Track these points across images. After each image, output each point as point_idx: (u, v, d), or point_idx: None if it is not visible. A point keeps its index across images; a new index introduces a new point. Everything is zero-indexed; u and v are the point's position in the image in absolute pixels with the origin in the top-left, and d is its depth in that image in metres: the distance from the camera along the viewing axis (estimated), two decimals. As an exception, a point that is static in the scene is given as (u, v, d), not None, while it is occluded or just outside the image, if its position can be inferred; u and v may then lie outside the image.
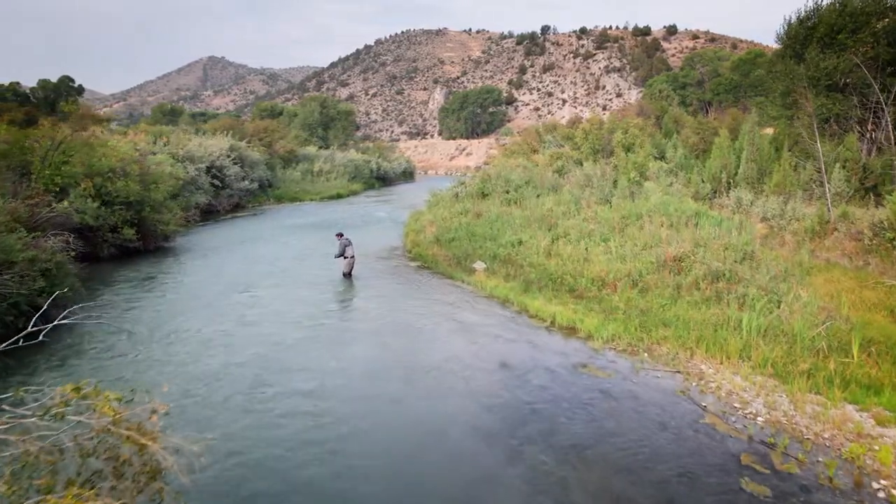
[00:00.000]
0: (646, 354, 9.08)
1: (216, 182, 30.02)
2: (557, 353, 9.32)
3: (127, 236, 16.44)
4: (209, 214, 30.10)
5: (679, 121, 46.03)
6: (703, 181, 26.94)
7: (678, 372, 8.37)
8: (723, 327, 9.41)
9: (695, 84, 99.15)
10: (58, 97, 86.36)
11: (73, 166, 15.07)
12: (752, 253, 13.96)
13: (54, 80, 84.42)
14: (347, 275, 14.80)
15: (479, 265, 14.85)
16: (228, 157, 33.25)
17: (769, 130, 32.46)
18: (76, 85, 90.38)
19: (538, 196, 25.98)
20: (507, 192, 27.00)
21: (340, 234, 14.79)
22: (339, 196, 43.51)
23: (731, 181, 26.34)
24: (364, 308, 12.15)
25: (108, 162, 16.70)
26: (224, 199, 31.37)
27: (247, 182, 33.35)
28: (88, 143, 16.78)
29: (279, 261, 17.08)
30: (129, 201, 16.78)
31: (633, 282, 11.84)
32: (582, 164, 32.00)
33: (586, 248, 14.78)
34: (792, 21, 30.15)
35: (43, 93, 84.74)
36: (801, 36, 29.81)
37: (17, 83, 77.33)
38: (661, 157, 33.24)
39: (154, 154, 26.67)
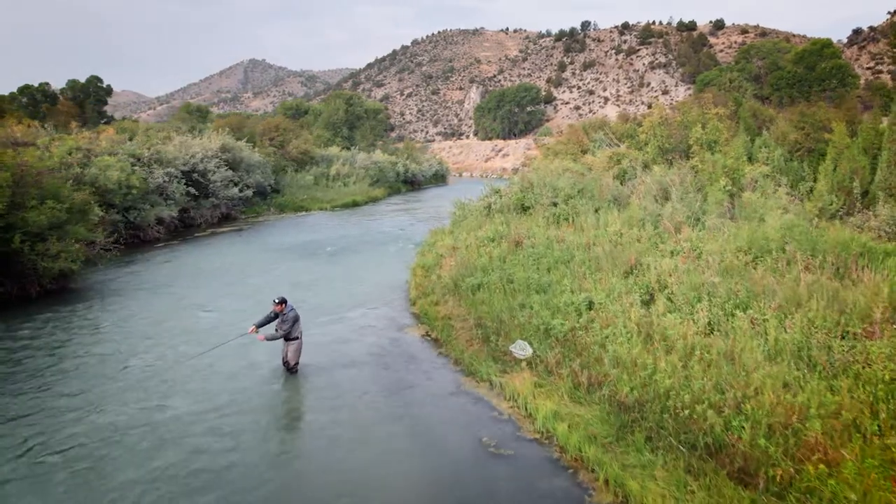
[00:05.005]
0: None
1: (193, 189, 24.43)
2: None
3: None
4: (189, 229, 24.63)
5: (758, 114, 38.48)
6: (825, 193, 19.83)
7: None
8: None
9: (751, 78, 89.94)
10: (86, 97, 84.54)
11: None
12: None
13: (100, 81, 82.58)
14: (292, 368, 8.74)
15: (521, 350, 8.48)
16: (218, 158, 27.76)
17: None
18: (105, 85, 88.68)
19: (597, 211, 19.46)
20: (555, 205, 20.52)
21: (283, 302, 8.68)
22: (354, 204, 37.66)
23: (868, 193, 19.20)
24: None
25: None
26: (206, 209, 25.82)
27: (237, 189, 27.73)
28: None
29: (202, 336, 10.50)
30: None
31: (878, 445, 5.26)
32: (648, 168, 25.15)
33: (712, 324, 8.26)
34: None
35: (72, 93, 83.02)
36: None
37: (47, 84, 75.21)
38: (748, 159, 26.14)
39: (111, 155, 21.26)
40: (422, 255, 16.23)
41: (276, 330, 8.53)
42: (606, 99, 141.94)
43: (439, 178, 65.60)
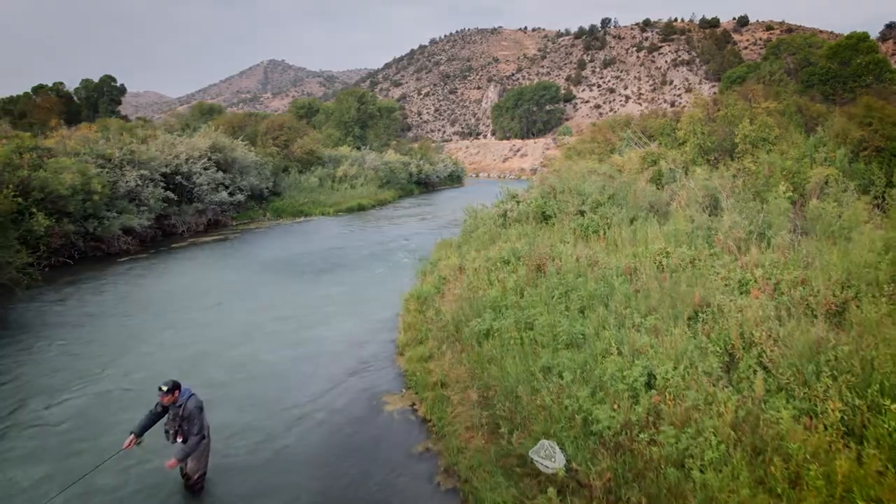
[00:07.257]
0: None
1: (172, 194, 21.82)
2: None
3: None
4: (168, 238, 22.05)
5: (803, 110, 34.84)
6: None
7: None
8: None
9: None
10: (100, 97, 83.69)
11: None
12: None
13: (113, 80, 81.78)
14: (195, 482, 5.79)
15: (547, 459, 5.48)
16: (206, 159, 25.20)
17: None
18: (118, 84, 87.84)
19: (632, 222, 16.38)
20: (582, 214, 17.47)
21: (173, 390, 5.60)
22: (360, 208, 34.93)
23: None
24: None
25: None
26: (189, 216, 23.21)
27: (226, 192, 25.10)
28: None
29: (61, 448, 6.79)
30: None
31: None
32: (688, 171, 21.88)
33: (848, 425, 5.21)
34: None
35: (85, 92, 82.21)
36: None
37: (61, 83, 74.29)
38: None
39: (74, 156, 18.75)
40: (421, 278, 13.31)
41: (168, 433, 5.55)
42: (628, 97, 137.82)
43: (454, 180, 62.75)
